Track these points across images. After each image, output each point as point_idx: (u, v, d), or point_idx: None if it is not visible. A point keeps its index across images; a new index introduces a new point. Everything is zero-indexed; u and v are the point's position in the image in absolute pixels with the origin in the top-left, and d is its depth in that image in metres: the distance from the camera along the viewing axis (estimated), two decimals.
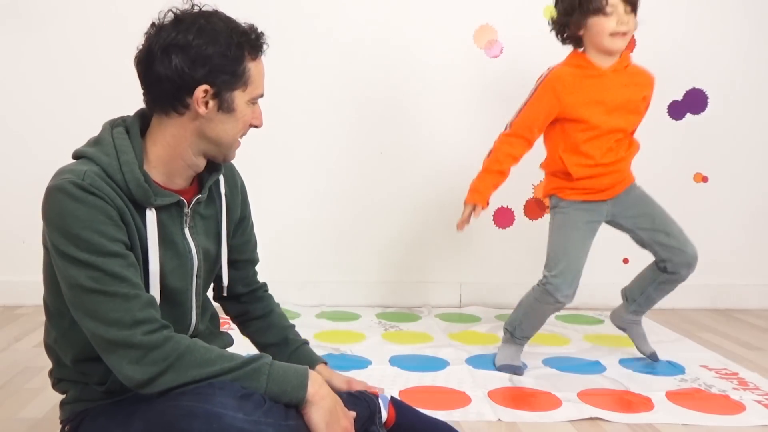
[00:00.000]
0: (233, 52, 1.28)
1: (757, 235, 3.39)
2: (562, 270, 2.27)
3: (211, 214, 1.42)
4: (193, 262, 1.36)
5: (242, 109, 1.33)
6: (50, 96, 3.23)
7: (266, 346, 1.59)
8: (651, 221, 2.31)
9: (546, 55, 3.39)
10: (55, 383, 1.41)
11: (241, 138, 1.39)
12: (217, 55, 1.26)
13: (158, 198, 1.28)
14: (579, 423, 1.99)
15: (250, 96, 1.34)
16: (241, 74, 1.30)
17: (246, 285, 1.61)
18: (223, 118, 1.31)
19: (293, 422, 1.21)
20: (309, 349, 1.61)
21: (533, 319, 2.40)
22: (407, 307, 3.35)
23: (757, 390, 2.25)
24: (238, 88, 1.31)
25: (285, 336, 1.60)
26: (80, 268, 1.18)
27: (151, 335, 1.18)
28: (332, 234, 3.35)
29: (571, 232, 2.31)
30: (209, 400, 1.14)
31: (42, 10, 3.18)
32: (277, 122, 3.32)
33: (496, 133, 2.48)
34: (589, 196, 2.32)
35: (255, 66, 1.33)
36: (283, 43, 3.28)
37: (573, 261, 2.28)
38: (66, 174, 1.22)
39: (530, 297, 2.39)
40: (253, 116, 1.38)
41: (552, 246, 2.35)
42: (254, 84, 1.34)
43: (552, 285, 2.28)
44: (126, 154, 1.26)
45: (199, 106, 1.28)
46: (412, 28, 3.32)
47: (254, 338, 1.64)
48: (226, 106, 1.30)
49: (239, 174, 1.55)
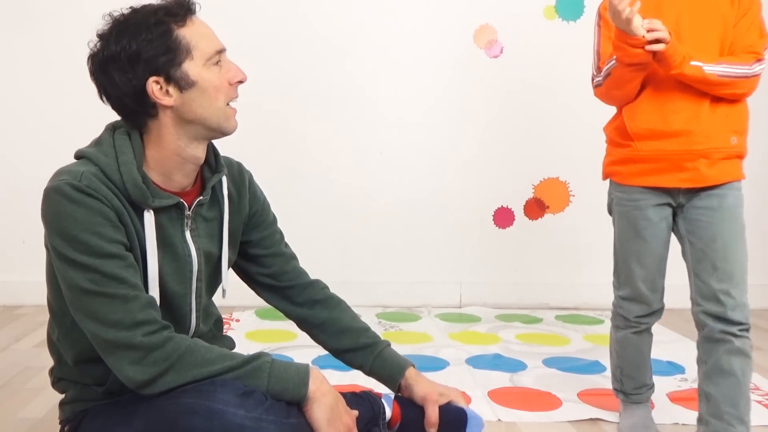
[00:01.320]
0: (155, 32, 1.24)
1: (757, 235, 3.39)
2: (625, 287, 1.88)
3: (215, 216, 1.41)
4: (192, 265, 1.35)
5: (204, 76, 1.25)
6: (48, 97, 3.23)
7: (340, 353, 1.54)
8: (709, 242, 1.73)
9: (546, 55, 3.41)
10: (55, 382, 1.40)
11: (230, 103, 1.30)
12: (143, 45, 1.24)
13: (156, 199, 1.27)
14: (579, 423, 1.99)
15: (202, 59, 1.25)
16: (175, 47, 1.23)
17: (278, 279, 1.54)
18: (192, 96, 1.26)
19: (294, 420, 1.20)
20: (393, 352, 1.53)
21: (629, 355, 1.93)
22: (407, 307, 3.35)
23: (757, 390, 2.26)
24: (184, 60, 1.24)
25: (359, 340, 1.52)
26: (79, 270, 1.18)
27: (151, 336, 1.18)
28: (332, 234, 3.35)
29: (629, 237, 1.84)
30: (210, 398, 1.14)
31: (39, 11, 3.18)
32: (276, 122, 3.33)
33: (497, 133, 2.46)
34: (653, 178, 1.77)
35: (188, 30, 1.25)
36: (284, 44, 3.28)
37: (636, 275, 1.84)
38: (63, 175, 1.21)
39: (611, 331, 1.98)
40: (226, 75, 1.28)
41: (614, 254, 1.92)
42: (198, 46, 1.25)
43: (621, 307, 1.90)
44: (125, 155, 1.25)
45: (161, 98, 1.25)
46: (413, 29, 3.33)
47: (327, 346, 1.56)
48: (184, 83, 1.25)
49: (248, 171, 1.52)
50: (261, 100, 3.25)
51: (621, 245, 1.87)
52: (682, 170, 1.73)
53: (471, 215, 3.41)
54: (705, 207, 1.74)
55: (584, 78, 3.42)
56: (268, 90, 3.24)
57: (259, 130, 3.24)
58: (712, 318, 1.68)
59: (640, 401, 1.96)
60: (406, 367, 1.50)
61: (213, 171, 1.39)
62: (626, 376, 1.95)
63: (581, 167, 3.41)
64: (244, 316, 3.08)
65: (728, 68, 1.68)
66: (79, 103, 3.22)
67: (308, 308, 1.55)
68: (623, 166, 1.82)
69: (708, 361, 1.70)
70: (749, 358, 1.68)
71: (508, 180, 3.41)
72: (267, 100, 3.26)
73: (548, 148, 3.39)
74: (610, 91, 1.80)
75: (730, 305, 1.67)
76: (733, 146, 1.74)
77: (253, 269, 1.53)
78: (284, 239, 1.58)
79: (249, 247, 1.50)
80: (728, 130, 1.73)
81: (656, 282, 1.84)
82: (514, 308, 3.38)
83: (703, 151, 1.71)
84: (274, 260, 1.54)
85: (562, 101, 3.39)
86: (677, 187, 1.76)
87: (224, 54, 1.29)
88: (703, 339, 1.72)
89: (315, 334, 1.57)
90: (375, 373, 1.52)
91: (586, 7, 3.31)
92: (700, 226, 1.74)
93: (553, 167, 3.41)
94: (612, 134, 1.85)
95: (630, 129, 1.77)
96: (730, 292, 1.68)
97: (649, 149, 1.75)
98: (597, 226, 3.45)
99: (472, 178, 3.40)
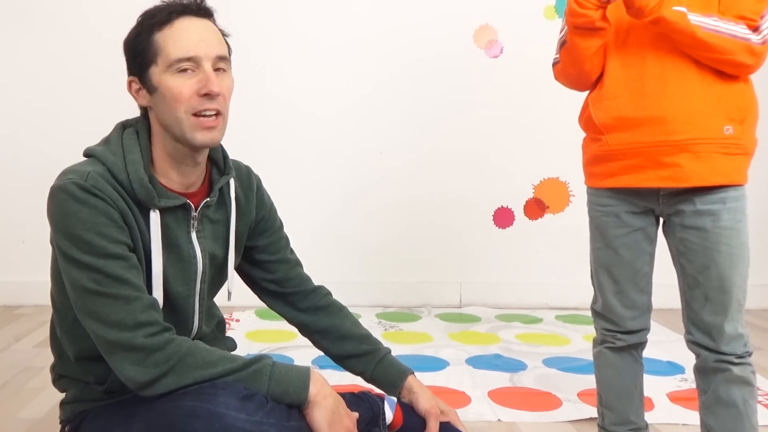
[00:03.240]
0: (138, 33, 1.26)
1: (757, 235, 3.39)
2: (597, 299, 1.67)
3: (221, 218, 1.41)
4: (197, 267, 1.35)
5: (163, 83, 1.22)
6: (50, 96, 3.23)
7: (342, 359, 1.54)
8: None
9: (546, 55, 3.40)
10: (56, 379, 1.41)
11: (194, 114, 1.22)
12: (128, 43, 1.28)
13: (162, 200, 1.27)
14: (579, 423, 1.99)
15: (165, 65, 1.22)
16: (146, 51, 1.23)
17: (282, 286, 1.54)
18: (156, 101, 1.26)
19: (295, 423, 1.20)
20: (394, 359, 1.53)
21: (608, 378, 1.65)
22: (407, 307, 3.35)
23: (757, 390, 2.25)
24: (150, 64, 1.23)
25: (360, 347, 1.53)
26: (82, 269, 1.18)
27: (152, 338, 1.18)
28: (332, 234, 3.35)
29: (598, 245, 1.63)
30: (211, 401, 1.14)
31: (42, 10, 3.19)
32: (275, 122, 3.33)
33: (497, 133, 2.47)
34: (625, 177, 1.48)
35: (165, 33, 1.22)
36: (283, 44, 3.28)
37: (606, 288, 1.61)
38: (70, 174, 1.22)
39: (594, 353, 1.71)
40: (194, 84, 1.22)
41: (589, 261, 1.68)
42: (164, 52, 1.22)
43: (594, 320, 1.68)
44: (132, 154, 1.26)
45: (137, 97, 1.29)
46: (413, 29, 3.33)
47: (329, 352, 1.56)
48: (149, 87, 1.26)
49: (257, 176, 1.51)
50: (262, 101, 3.25)
51: (592, 253, 1.65)
52: (660, 166, 1.40)
53: (471, 215, 3.41)
54: (696, 227, 1.44)
55: None
56: (267, 90, 3.25)
57: (260, 129, 3.25)
58: (705, 349, 1.47)
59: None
60: (406, 374, 1.50)
61: (221, 173, 1.39)
62: (606, 407, 1.64)
63: (581, 167, 3.41)
64: (244, 316, 3.08)
65: (722, 24, 1.34)
66: (80, 103, 3.24)
67: (310, 314, 1.55)
68: (596, 166, 1.54)
69: (706, 391, 1.49)
70: (752, 386, 1.47)
71: (508, 180, 3.41)
72: (267, 101, 3.26)
73: (548, 148, 3.39)
74: (566, 69, 1.51)
75: (724, 340, 1.44)
76: (728, 137, 1.38)
77: (257, 274, 1.53)
78: (290, 245, 1.58)
79: (255, 252, 1.51)
80: (720, 116, 1.37)
81: (633, 298, 1.56)
82: (514, 308, 3.38)
83: (685, 143, 1.37)
84: (279, 266, 1.54)
85: (562, 101, 3.38)
86: (656, 187, 1.44)
87: (204, 61, 1.22)
88: (699, 368, 1.50)
89: (316, 339, 1.57)
90: (375, 380, 1.53)
91: None
92: (692, 249, 1.45)
93: (553, 167, 3.41)
94: (584, 128, 1.56)
95: (596, 119, 1.46)
96: (723, 328, 1.44)
97: (620, 143, 1.44)
98: None
99: (472, 178, 3.40)
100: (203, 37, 1.24)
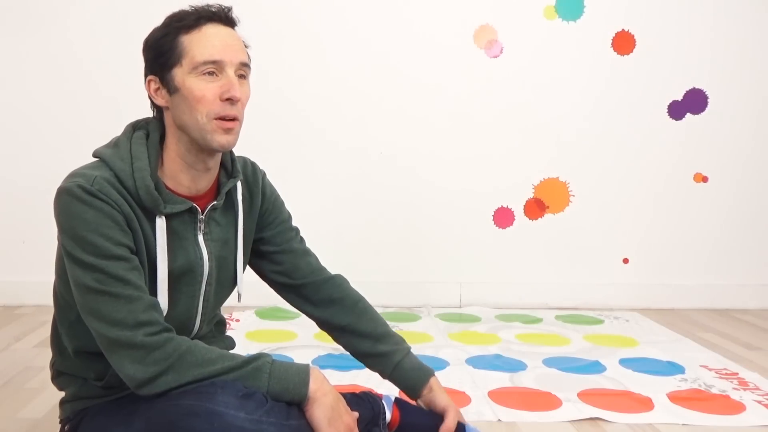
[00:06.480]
0: (165, 34, 1.27)
1: (757, 235, 3.40)
2: None
3: (229, 221, 1.41)
4: (203, 269, 1.35)
5: (186, 84, 1.24)
6: (51, 97, 3.23)
7: (359, 357, 1.55)
8: None
9: (546, 55, 3.41)
10: (55, 376, 1.41)
11: (215, 119, 1.25)
12: (151, 43, 1.29)
13: (168, 206, 1.28)
14: (579, 423, 1.99)
15: (190, 67, 1.24)
16: (171, 51, 1.25)
17: (291, 277, 1.54)
18: (176, 102, 1.27)
19: (295, 422, 1.20)
20: (413, 361, 1.54)
21: None
22: (407, 307, 3.35)
23: (757, 390, 2.26)
24: (174, 65, 1.25)
25: (377, 347, 1.53)
26: (86, 269, 1.20)
27: (152, 336, 1.19)
28: (332, 234, 3.35)
29: None
30: (211, 399, 1.14)
31: (43, 10, 3.19)
32: (275, 123, 3.33)
33: (496, 133, 2.48)
34: None
35: (192, 36, 1.25)
36: (282, 44, 3.28)
37: None
38: (77, 177, 1.23)
39: None
40: (217, 88, 1.24)
41: None
42: (190, 54, 1.24)
43: None
44: (140, 161, 1.27)
45: (155, 97, 1.30)
46: (412, 28, 3.32)
47: (347, 349, 1.57)
48: (171, 87, 1.27)
49: (261, 170, 1.52)
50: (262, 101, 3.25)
51: None
52: None
53: (471, 215, 3.41)
54: None
55: (584, 78, 3.43)
56: (266, 89, 3.24)
57: (260, 130, 3.24)
58: None
59: None
60: (427, 378, 1.51)
61: (229, 176, 1.40)
62: None
63: (581, 167, 3.42)
64: (244, 316, 3.08)
65: None
66: (82, 104, 3.24)
67: (325, 308, 1.55)
68: None
69: None
70: None
71: (508, 180, 3.41)
72: (266, 100, 3.26)
73: (548, 148, 3.40)
74: None
75: None
76: None
77: (266, 266, 1.54)
78: (299, 236, 1.58)
79: (261, 244, 1.51)
80: None
81: None
82: (514, 308, 3.38)
83: None
84: (286, 257, 1.54)
85: (562, 101, 3.39)
86: None
87: (228, 67, 1.25)
88: None
89: (335, 336, 1.59)
90: (395, 382, 1.54)
91: (586, 7, 3.31)
92: None
93: (553, 167, 3.41)
94: None
95: None
96: None
97: None
98: (597, 226, 3.46)
99: (471, 178, 3.40)
100: (229, 43, 1.27)
